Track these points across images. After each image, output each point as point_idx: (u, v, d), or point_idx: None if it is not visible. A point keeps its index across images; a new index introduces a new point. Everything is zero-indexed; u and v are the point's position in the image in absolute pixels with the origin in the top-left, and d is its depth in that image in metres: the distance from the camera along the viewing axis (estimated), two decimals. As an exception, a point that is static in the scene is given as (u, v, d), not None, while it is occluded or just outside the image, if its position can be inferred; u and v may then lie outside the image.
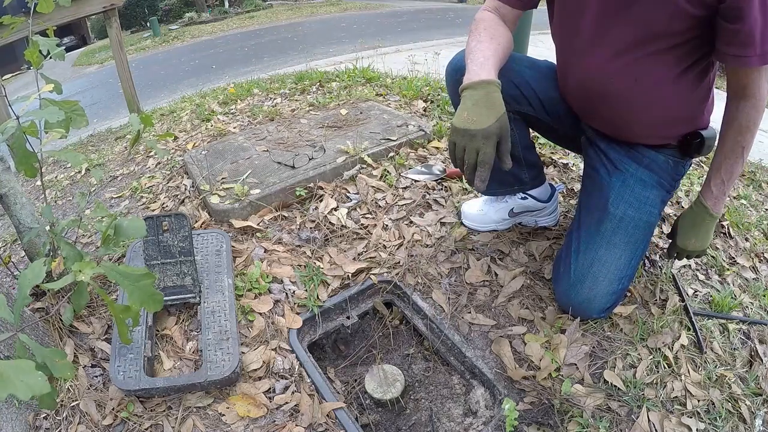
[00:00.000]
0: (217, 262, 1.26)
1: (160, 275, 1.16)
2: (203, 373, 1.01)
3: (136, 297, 0.78)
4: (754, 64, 0.88)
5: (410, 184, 1.65)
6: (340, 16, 11.93)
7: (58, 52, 1.09)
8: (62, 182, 2.12)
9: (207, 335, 1.09)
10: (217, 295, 1.18)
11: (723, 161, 1.02)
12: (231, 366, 1.02)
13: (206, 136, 2.17)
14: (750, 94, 0.94)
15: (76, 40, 16.87)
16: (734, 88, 0.95)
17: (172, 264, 1.17)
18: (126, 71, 3.06)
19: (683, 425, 0.95)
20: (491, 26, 1.08)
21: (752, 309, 1.23)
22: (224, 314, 1.14)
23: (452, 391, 1.13)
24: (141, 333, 1.09)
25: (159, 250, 1.17)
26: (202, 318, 1.13)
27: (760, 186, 1.80)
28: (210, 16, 14.44)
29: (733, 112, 0.97)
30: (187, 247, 1.17)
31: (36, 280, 0.79)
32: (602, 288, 1.05)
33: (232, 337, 1.08)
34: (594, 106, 1.12)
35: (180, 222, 1.17)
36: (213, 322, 1.12)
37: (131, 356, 1.03)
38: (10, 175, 1.15)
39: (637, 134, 1.11)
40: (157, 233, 1.16)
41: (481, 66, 0.97)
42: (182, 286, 1.17)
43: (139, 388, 0.99)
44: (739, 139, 0.98)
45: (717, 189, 1.04)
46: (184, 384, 1.01)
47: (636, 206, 1.08)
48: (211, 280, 1.22)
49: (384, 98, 2.42)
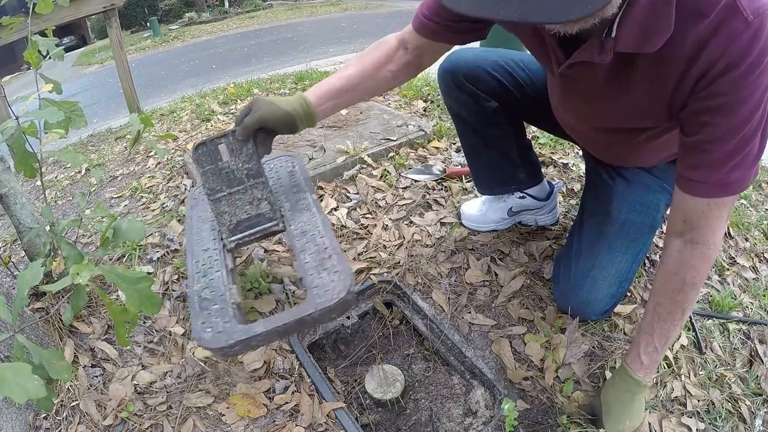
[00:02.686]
0: (292, 182, 1.10)
1: (230, 209, 0.98)
2: (311, 303, 0.80)
3: (134, 299, 0.78)
4: (709, 194, 0.72)
5: (410, 184, 1.65)
6: (340, 16, 11.92)
7: (57, 52, 1.09)
8: (62, 182, 2.12)
9: (304, 258, 0.90)
10: (303, 214, 1.00)
11: (656, 324, 0.84)
12: (345, 284, 0.82)
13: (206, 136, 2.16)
14: (700, 237, 0.76)
15: (76, 40, 16.87)
16: (679, 222, 0.77)
17: (242, 192, 0.98)
18: (126, 71, 3.06)
19: (683, 425, 0.95)
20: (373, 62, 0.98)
21: (752, 309, 1.22)
22: (318, 231, 0.96)
23: (452, 391, 1.12)
24: (222, 278, 0.89)
25: (222, 179, 0.97)
26: (293, 242, 0.95)
27: (760, 186, 1.80)
28: (210, 16, 14.44)
29: (674, 260, 0.79)
30: (255, 167, 0.98)
31: (34, 281, 0.79)
32: (602, 291, 1.05)
33: (335, 253, 0.90)
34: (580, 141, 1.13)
35: (239, 140, 0.96)
36: (308, 243, 0.93)
37: (216, 307, 0.84)
38: (10, 175, 1.15)
39: (628, 164, 1.09)
40: (215, 160, 0.97)
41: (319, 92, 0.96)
42: (259, 215, 0.99)
43: (235, 341, 0.77)
44: (680, 298, 0.80)
45: (648, 358, 0.86)
46: (291, 322, 0.79)
47: (639, 210, 1.07)
48: (291, 202, 1.04)
49: (384, 98, 2.42)
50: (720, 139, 0.68)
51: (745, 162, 0.70)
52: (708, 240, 0.76)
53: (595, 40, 0.70)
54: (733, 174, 0.70)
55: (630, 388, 0.88)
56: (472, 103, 1.18)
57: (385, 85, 1.02)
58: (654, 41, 0.65)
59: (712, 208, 0.73)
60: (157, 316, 1.21)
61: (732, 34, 0.61)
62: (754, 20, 0.59)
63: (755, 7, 0.60)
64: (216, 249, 0.97)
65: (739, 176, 0.70)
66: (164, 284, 1.30)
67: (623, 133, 0.94)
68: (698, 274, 0.78)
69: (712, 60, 0.63)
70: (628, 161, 1.08)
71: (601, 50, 0.70)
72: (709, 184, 0.72)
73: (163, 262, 1.38)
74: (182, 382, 1.07)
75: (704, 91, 0.66)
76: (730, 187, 0.71)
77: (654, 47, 0.65)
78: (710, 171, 0.71)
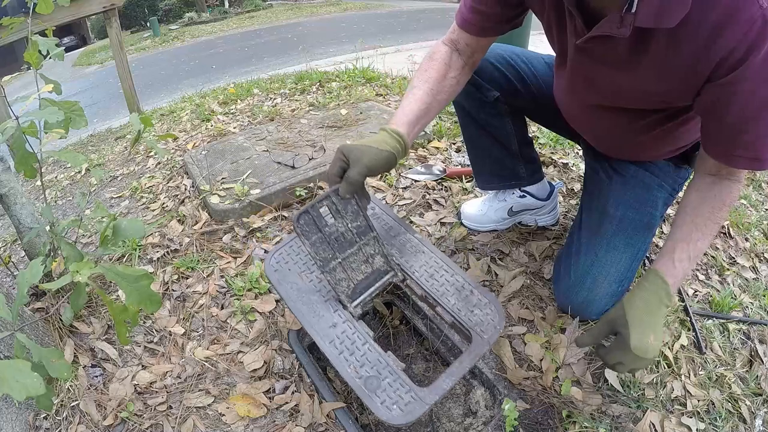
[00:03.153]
0: (383, 225, 1.02)
1: (346, 275, 0.90)
2: (482, 343, 0.80)
3: (134, 297, 0.78)
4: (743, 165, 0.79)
5: (410, 184, 1.65)
6: (340, 16, 11.93)
7: (57, 52, 1.09)
8: (62, 182, 2.12)
9: (449, 302, 0.88)
10: (419, 257, 0.96)
11: (692, 233, 0.83)
12: (500, 314, 0.84)
13: (206, 136, 2.17)
14: (735, 178, 0.84)
15: (76, 40, 16.87)
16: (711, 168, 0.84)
17: (354, 253, 0.91)
18: (126, 71, 3.06)
19: (683, 425, 0.95)
20: (436, 74, 0.97)
21: (752, 309, 1.22)
22: (445, 271, 0.93)
23: (452, 391, 1.12)
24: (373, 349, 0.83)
25: (332, 245, 0.89)
26: (426, 289, 0.91)
27: (760, 186, 1.80)
28: (210, 16, 14.44)
29: (709, 185, 0.85)
30: (363, 223, 0.91)
31: (34, 279, 0.79)
32: (602, 290, 1.05)
33: (474, 288, 0.89)
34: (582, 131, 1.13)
35: (342, 199, 0.87)
36: (442, 286, 0.90)
37: (386, 381, 0.79)
38: (10, 175, 1.16)
39: (628, 156, 1.10)
40: (320, 227, 0.88)
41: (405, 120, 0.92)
42: (375, 271, 0.94)
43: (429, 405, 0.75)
44: (718, 215, 0.84)
45: (681, 266, 0.83)
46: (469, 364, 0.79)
47: (636, 208, 1.07)
48: (398, 246, 0.98)
49: (384, 98, 2.42)
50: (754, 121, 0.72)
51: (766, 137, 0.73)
52: (740, 179, 0.84)
53: (616, 14, 0.72)
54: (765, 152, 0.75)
55: (660, 295, 0.82)
56: (474, 92, 1.18)
57: (453, 93, 1.01)
58: (671, 17, 0.67)
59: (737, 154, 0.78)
60: (157, 316, 1.21)
61: (748, 21, 0.63)
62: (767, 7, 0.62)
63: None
64: (345, 321, 0.88)
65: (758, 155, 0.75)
66: (164, 284, 1.30)
67: (626, 116, 0.94)
68: (733, 197, 0.84)
69: (731, 46, 0.65)
70: (628, 152, 1.08)
71: (621, 24, 0.72)
72: (744, 159, 0.76)
73: (163, 262, 1.38)
74: (182, 382, 1.07)
75: (725, 78, 0.69)
76: (762, 163, 0.76)
77: (671, 23, 0.67)
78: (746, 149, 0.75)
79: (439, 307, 0.90)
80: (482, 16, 0.93)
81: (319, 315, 0.89)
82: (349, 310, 0.90)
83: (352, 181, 0.83)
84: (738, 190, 0.85)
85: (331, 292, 0.92)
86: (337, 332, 0.86)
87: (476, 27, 0.95)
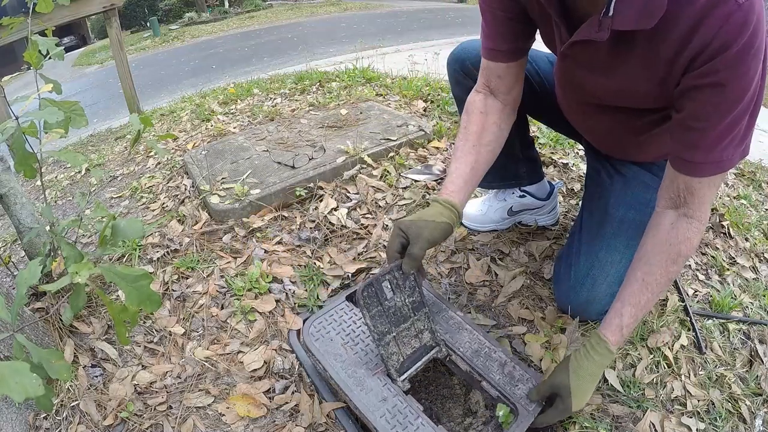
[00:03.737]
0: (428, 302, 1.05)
1: (397, 349, 0.92)
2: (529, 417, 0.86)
3: (134, 297, 0.78)
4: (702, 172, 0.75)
5: (410, 184, 1.65)
6: (340, 16, 11.92)
7: (57, 51, 1.09)
8: (62, 182, 2.12)
9: (493, 377, 0.93)
10: (462, 334, 1.00)
11: (643, 295, 0.82)
12: None
13: (206, 136, 2.17)
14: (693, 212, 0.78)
15: (76, 40, 16.85)
16: (672, 196, 0.80)
17: (407, 328, 0.94)
18: (126, 71, 3.06)
19: (683, 425, 0.95)
20: (475, 127, 0.98)
21: (752, 309, 1.22)
22: (488, 348, 0.98)
23: (452, 391, 1.12)
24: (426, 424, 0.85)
25: (389, 319, 0.91)
26: (473, 364, 0.95)
27: (760, 186, 1.80)
28: (210, 16, 14.43)
29: (668, 231, 0.81)
30: (418, 299, 0.94)
31: (32, 280, 0.79)
32: (602, 290, 1.05)
33: (515, 363, 0.94)
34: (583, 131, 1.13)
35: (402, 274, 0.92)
36: (487, 362, 0.95)
37: None
38: (10, 175, 1.15)
39: (629, 157, 1.10)
40: (381, 300, 0.89)
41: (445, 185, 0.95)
42: (422, 347, 0.96)
43: None
44: (672, 269, 0.81)
45: (628, 330, 0.83)
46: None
47: (637, 208, 1.07)
48: (441, 323, 1.03)
49: (384, 98, 2.42)
50: (713, 117, 0.70)
51: (735, 141, 0.72)
52: (701, 215, 0.79)
53: (594, 18, 0.73)
54: (725, 153, 0.73)
55: (604, 363, 0.85)
56: None
57: (499, 139, 1.01)
58: (648, 19, 0.67)
59: (703, 185, 0.76)
60: (157, 316, 1.21)
61: (725, 16, 0.63)
62: (744, 3, 0.62)
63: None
64: (395, 395, 0.90)
65: (729, 155, 0.73)
66: (164, 284, 1.30)
67: (623, 115, 0.95)
68: (692, 247, 0.80)
69: (706, 40, 0.65)
70: (629, 152, 1.08)
71: (599, 28, 0.73)
72: (701, 164, 0.74)
73: (163, 262, 1.38)
74: (182, 382, 1.07)
75: (698, 70, 0.69)
76: (721, 166, 0.74)
77: (648, 25, 0.68)
78: (703, 151, 0.73)
79: (484, 382, 0.94)
80: (500, 38, 0.93)
81: (368, 389, 0.91)
82: (398, 384, 0.91)
83: (415, 257, 0.87)
84: (698, 234, 0.79)
85: (379, 365, 0.95)
86: (388, 406, 0.88)
87: (498, 52, 0.95)
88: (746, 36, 0.63)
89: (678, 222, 0.80)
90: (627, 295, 0.84)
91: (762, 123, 4.09)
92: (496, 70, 0.97)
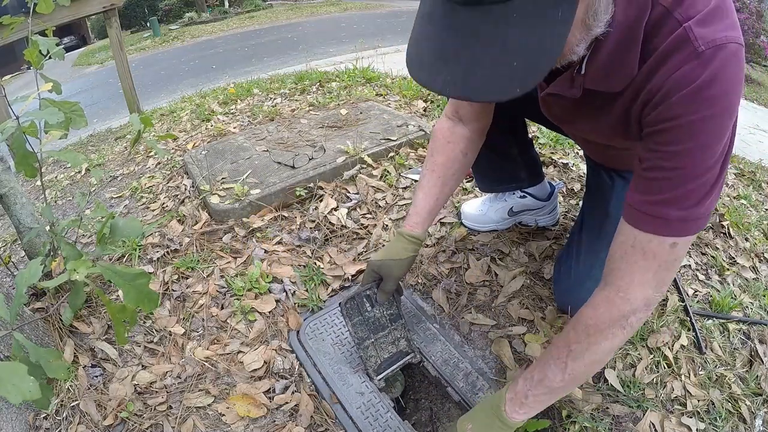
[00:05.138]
0: (408, 312, 1.21)
1: (375, 353, 1.07)
2: None
3: (132, 296, 0.78)
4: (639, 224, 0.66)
5: (410, 184, 1.65)
6: (340, 16, 11.92)
7: (57, 51, 1.09)
8: (62, 182, 2.12)
9: (458, 384, 1.05)
10: (435, 344, 1.13)
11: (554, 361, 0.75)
12: None
13: (206, 136, 2.17)
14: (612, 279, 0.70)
15: (76, 40, 16.87)
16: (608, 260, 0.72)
17: (385, 335, 1.08)
18: (126, 71, 3.06)
19: (683, 425, 0.95)
20: (441, 158, 1.01)
21: (752, 309, 1.22)
22: (458, 359, 1.10)
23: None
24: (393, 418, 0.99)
25: (368, 327, 1.06)
26: (441, 371, 1.08)
27: (760, 186, 1.80)
28: (210, 16, 14.43)
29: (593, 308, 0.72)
30: (396, 311, 1.10)
31: (33, 279, 0.79)
32: None
33: (478, 373, 1.06)
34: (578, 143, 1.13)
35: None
36: (454, 371, 1.07)
37: None
38: (10, 175, 1.15)
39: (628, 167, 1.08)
40: (362, 311, 1.05)
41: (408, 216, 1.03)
42: (399, 352, 1.09)
43: None
44: (570, 337, 0.73)
45: (523, 385, 0.78)
46: None
47: None
48: (419, 332, 1.16)
49: (384, 98, 2.42)
50: (662, 168, 0.63)
51: (686, 202, 0.63)
52: (620, 285, 0.69)
53: (568, 74, 0.72)
54: (671, 212, 0.63)
55: (493, 400, 0.82)
56: None
57: (465, 167, 1.04)
58: (617, 82, 0.66)
59: (636, 247, 0.67)
60: (157, 316, 1.21)
61: (679, 63, 0.59)
62: (706, 51, 0.57)
63: (711, 39, 0.57)
64: (371, 391, 1.04)
65: (677, 216, 0.63)
66: (164, 284, 1.30)
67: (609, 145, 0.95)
68: (595, 319, 0.70)
69: (658, 86, 0.61)
70: (626, 164, 1.08)
71: (572, 85, 0.72)
72: (641, 213, 0.66)
73: (163, 262, 1.38)
74: (182, 382, 1.07)
75: (650, 116, 0.64)
76: (662, 225, 0.64)
77: (618, 87, 0.67)
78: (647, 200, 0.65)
79: (449, 388, 1.05)
80: None
81: (348, 384, 1.06)
82: (374, 382, 1.05)
83: (387, 292, 1.03)
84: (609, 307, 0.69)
85: (360, 364, 1.08)
86: (364, 400, 1.02)
87: None
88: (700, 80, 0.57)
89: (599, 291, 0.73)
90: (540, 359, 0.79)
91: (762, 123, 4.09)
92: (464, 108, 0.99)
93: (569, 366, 0.73)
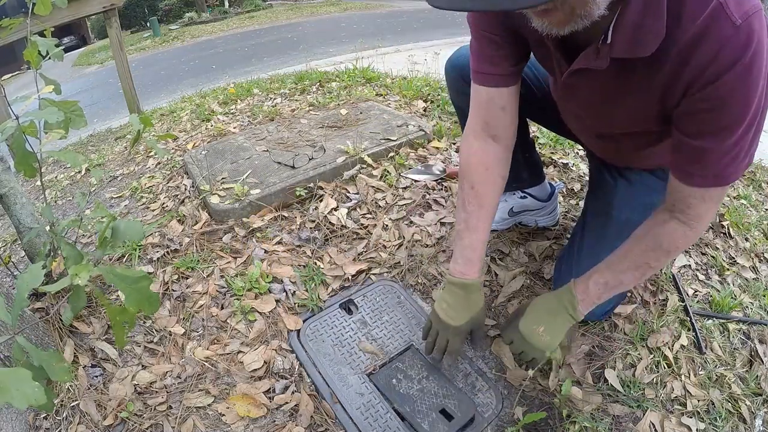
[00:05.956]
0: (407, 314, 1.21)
1: None
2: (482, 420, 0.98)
3: (133, 299, 0.78)
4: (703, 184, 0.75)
5: (410, 184, 1.65)
6: (340, 16, 11.92)
7: (57, 52, 1.09)
8: (62, 182, 2.12)
9: (458, 384, 1.05)
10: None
11: (617, 264, 0.88)
12: (498, 397, 1.02)
13: (206, 136, 2.17)
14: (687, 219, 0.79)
15: (76, 40, 16.87)
16: (670, 202, 0.81)
17: None
18: (126, 71, 3.06)
19: (683, 425, 0.95)
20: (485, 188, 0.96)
21: (752, 309, 1.22)
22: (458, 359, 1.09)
23: (452, 391, 1.13)
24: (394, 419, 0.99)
25: None
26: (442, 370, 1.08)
27: (760, 186, 1.80)
28: (210, 16, 14.43)
29: (656, 224, 0.83)
30: None
31: (34, 283, 0.78)
32: None
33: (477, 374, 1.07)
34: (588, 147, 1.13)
35: None
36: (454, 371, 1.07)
37: None
38: (10, 175, 1.15)
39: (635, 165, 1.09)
40: None
41: (467, 262, 0.97)
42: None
43: None
44: (650, 255, 0.84)
45: (595, 289, 0.89)
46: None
47: (640, 211, 1.06)
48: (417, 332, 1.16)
49: (384, 98, 2.42)
50: (714, 139, 0.70)
51: (738, 157, 0.72)
52: (694, 223, 0.79)
53: (592, 47, 0.72)
54: (728, 169, 0.72)
55: (564, 303, 0.91)
56: None
57: (502, 186, 1.01)
58: (646, 46, 0.67)
59: (703, 196, 0.76)
60: (157, 316, 1.21)
61: (722, 39, 0.61)
62: (742, 24, 0.60)
63: (743, 11, 0.60)
64: (371, 392, 1.04)
65: (732, 170, 0.73)
66: (164, 284, 1.30)
67: (626, 138, 0.95)
68: (674, 246, 0.82)
69: (704, 64, 0.64)
70: (635, 163, 1.08)
71: (597, 56, 0.72)
72: (703, 177, 0.74)
73: (163, 262, 1.38)
74: (182, 382, 1.07)
75: (699, 93, 0.67)
76: (722, 180, 0.74)
77: (647, 52, 0.67)
78: (705, 166, 0.73)
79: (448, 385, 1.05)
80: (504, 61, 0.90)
81: (348, 385, 1.06)
82: (372, 381, 1.06)
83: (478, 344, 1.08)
84: (684, 238, 0.81)
85: (360, 365, 1.09)
86: (364, 401, 1.03)
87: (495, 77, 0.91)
88: (746, 57, 0.61)
89: (669, 221, 0.81)
90: (604, 262, 0.90)
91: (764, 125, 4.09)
92: (500, 100, 0.93)
93: (646, 274, 0.87)
